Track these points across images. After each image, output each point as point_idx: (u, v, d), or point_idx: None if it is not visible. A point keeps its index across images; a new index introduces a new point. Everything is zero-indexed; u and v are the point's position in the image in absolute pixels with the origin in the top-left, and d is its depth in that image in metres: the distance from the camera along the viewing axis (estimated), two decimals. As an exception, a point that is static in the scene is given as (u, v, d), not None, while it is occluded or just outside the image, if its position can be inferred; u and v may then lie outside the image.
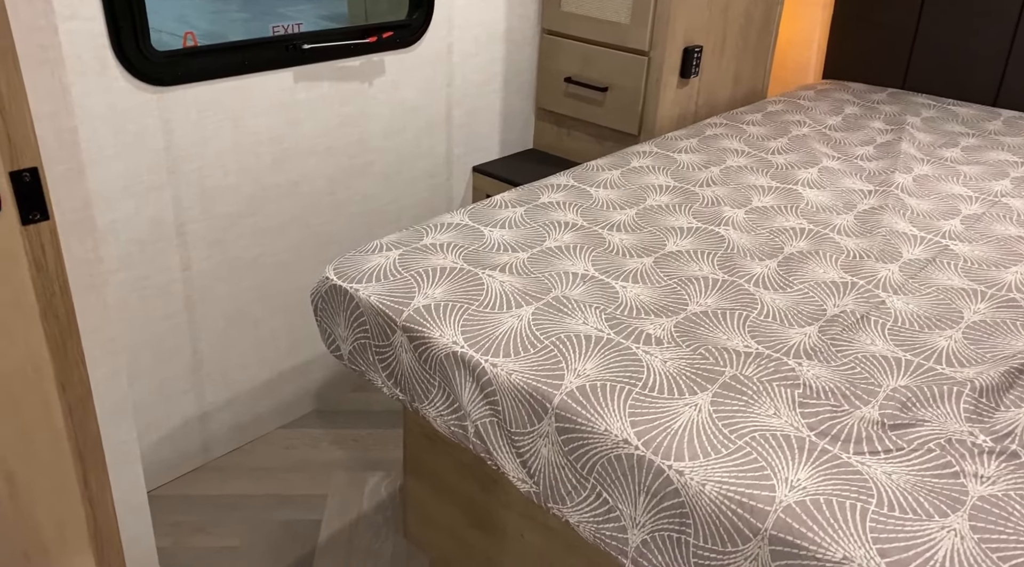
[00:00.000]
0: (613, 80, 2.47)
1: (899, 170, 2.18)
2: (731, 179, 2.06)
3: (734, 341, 1.36)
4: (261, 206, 2.05)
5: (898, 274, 1.62)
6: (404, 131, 2.32)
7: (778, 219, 1.84)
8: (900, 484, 1.05)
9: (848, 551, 0.97)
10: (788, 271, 1.61)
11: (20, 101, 0.85)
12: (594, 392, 1.22)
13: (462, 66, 2.41)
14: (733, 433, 1.14)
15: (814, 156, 2.26)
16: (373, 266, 1.56)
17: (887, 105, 2.79)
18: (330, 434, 2.36)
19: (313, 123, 2.08)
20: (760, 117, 2.59)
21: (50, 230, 0.92)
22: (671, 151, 2.24)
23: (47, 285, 0.94)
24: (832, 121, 2.60)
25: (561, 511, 1.26)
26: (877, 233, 1.79)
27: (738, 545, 1.05)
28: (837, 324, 1.43)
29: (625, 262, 1.61)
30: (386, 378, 1.51)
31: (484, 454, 1.37)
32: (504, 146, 2.68)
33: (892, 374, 1.29)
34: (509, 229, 1.73)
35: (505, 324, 1.38)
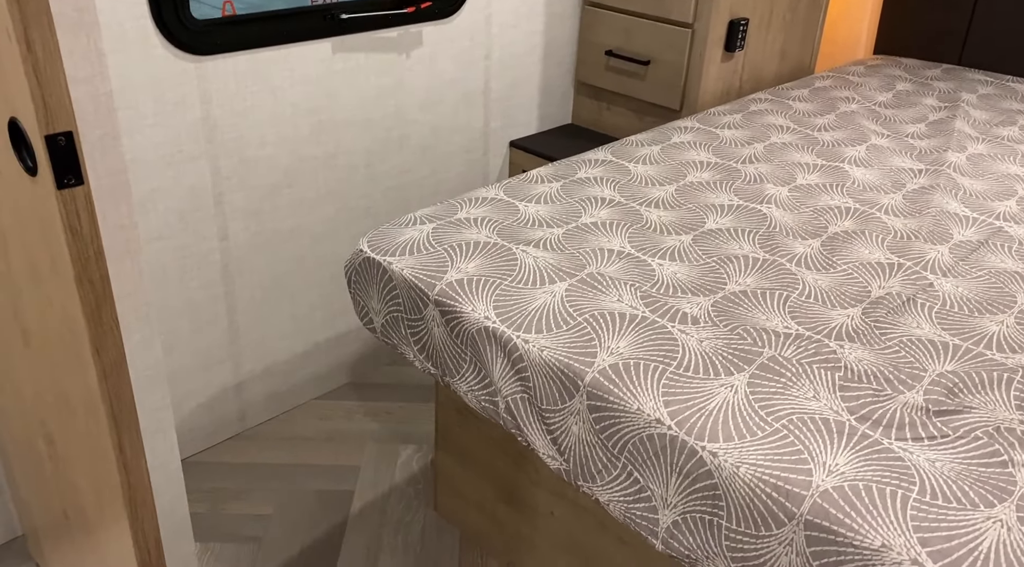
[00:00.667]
0: (655, 53, 2.41)
1: (952, 149, 2.10)
2: (775, 156, 2.01)
3: (773, 322, 1.32)
4: (298, 177, 2.05)
5: (948, 256, 1.56)
6: (441, 104, 2.30)
7: (823, 197, 1.79)
8: (944, 472, 1.02)
9: (887, 539, 0.94)
10: (832, 251, 1.56)
11: (55, 64, 0.85)
12: (627, 370, 1.20)
13: (500, 38, 2.37)
14: (770, 415, 1.11)
15: (862, 133, 2.19)
16: (407, 239, 1.55)
17: (941, 81, 2.69)
18: (364, 406, 2.38)
19: (350, 94, 2.07)
20: (807, 93, 2.51)
21: (85, 195, 0.92)
22: (713, 127, 2.19)
23: (82, 250, 0.94)
24: (882, 98, 2.52)
25: (591, 489, 1.24)
26: (927, 213, 1.73)
27: (772, 529, 1.03)
28: (882, 306, 1.38)
29: (663, 239, 1.58)
30: (418, 352, 1.51)
31: (515, 430, 1.35)
32: (542, 121, 2.64)
33: (938, 359, 1.24)
34: (544, 204, 1.70)
35: (538, 300, 1.36)
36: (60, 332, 1.06)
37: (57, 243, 0.95)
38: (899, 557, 0.92)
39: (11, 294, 1.16)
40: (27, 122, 0.88)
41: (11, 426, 1.47)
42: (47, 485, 1.42)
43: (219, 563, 1.85)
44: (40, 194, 0.93)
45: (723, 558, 1.09)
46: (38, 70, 0.83)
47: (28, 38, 0.82)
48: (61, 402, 1.17)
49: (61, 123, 0.87)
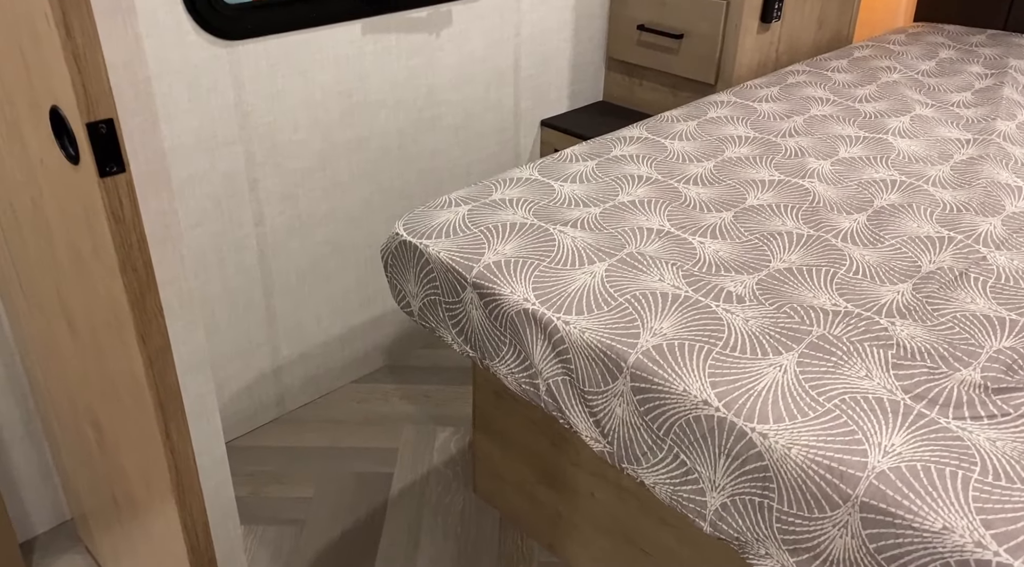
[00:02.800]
0: (689, 26, 2.36)
1: (1001, 117, 2.03)
2: (815, 129, 1.96)
3: (821, 299, 1.29)
4: (331, 161, 2.04)
5: (1000, 228, 1.51)
6: (472, 83, 2.27)
7: (867, 171, 1.74)
8: (1006, 452, 0.98)
9: (948, 521, 0.91)
10: (879, 225, 1.52)
11: (95, 50, 0.84)
12: (671, 351, 1.18)
13: (530, 15, 2.33)
14: (821, 395, 1.08)
15: (906, 104, 2.13)
16: (442, 221, 1.54)
17: (986, 48, 2.60)
18: (400, 389, 2.38)
19: (381, 76, 2.05)
20: (846, 63, 2.45)
21: (127, 182, 0.91)
22: (750, 100, 2.14)
23: (125, 237, 0.94)
24: (925, 66, 2.44)
25: (636, 472, 1.23)
26: (976, 184, 1.68)
27: (826, 511, 1.00)
28: (933, 281, 1.34)
29: (703, 217, 1.54)
30: (456, 335, 1.50)
31: (556, 413, 1.34)
32: (573, 99, 2.61)
33: (995, 335, 1.20)
34: (580, 184, 1.67)
35: (577, 281, 1.34)
36: (106, 319, 1.06)
37: (100, 230, 0.94)
38: (961, 539, 0.90)
39: (56, 280, 1.17)
40: (68, 110, 0.87)
41: (60, 412, 1.48)
42: (96, 470, 1.44)
43: (263, 546, 1.87)
44: (82, 182, 0.93)
45: (773, 541, 1.07)
46: (78, 57, 0.83)
47: (67, 23, 0.81)
48: (108, 388, 1.18)
49: (102, 110, 0.86)
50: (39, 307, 1.30)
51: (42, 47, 0.86)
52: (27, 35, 0.88)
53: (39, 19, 0.83)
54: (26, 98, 0.96)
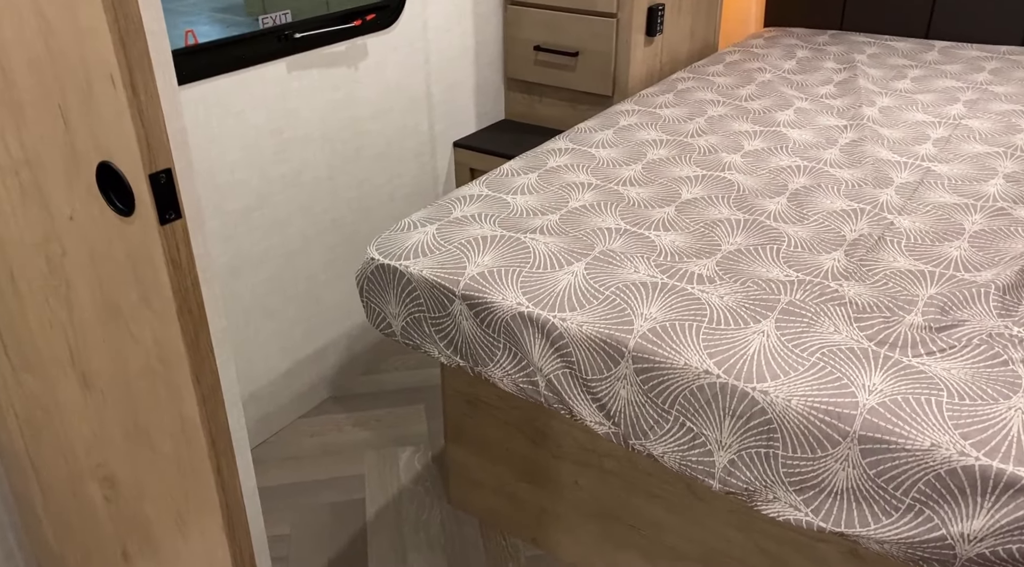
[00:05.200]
0: (583, 44, 2.54)
1: (864, 104, 2.33)
2: (717, 128, 2.17)
3: (774, 272, 1.47)
4: (268, 198, 2.06)
5: (896, 197, 1.76)
6: (390, 112, 2.34)
7: (773, 160, 1.96)
8: (961, 377, 1.18)
9: (934, 439, 1.09)
10: (799, 205, 1.73)
11: (156, 106, 0.87)
12: (665, 332, 1.31)
13: (437, 42, 2.44)
14: (804, 352, 1.25)
15: (785, 99, 2.39)
16: (415, 242, 1.61)
17: (832, 46, 2.95)
18: (351, 417, 2.40)
19: (308, 111, 2.09)
20: (722, 68, 2.71)
21: (183, 228, 0.94)
22: (652, 107, 2.34)
23: (182, 281, 0.96)
24: (788, 65, 2.74)
25: (644, 446, 1.35)
26: (866, 162, 1.93)
27: (827, 449, 1.16)
28: (859, 247, 1.55)
29: (650, 213, 1.70)
30: (444, 348, 1.57)
31: (557, 405, 1.44)
32: (480, 119, 2.73)
33: (923, 284, 1.42)
34: (530, 195, 1.79)
35: (562, 281, 1.46)
36: (145, 368, 1.07)
37: (154, 277, 0.97)
38: (947, 452, 1.08)
39: (71, 340, 1.16)
40: (125, 164, 0.90)
41: (48, 478, 1.44)
42: (100, 530, 1.40)
43: (252, 589, 1.85)
44: (134, 232, 0.95)
45: (781, 484, 1.22)
46: (143, 113, 0.86)
47: (134, 83, 0.84)
48: (135, 439, 1.18)
49: (161, 161, 0.90)
50: (34, 372, 1.27)
51: (96, 106, 0.88)
52: (75, 95, 0.90)
53: (98, 79, 0.86)
54: (60, 157, 0.97)
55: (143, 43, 0.84)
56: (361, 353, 2.54)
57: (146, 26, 0.85)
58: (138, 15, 0.82)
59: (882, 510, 1.14)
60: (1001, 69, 2.63)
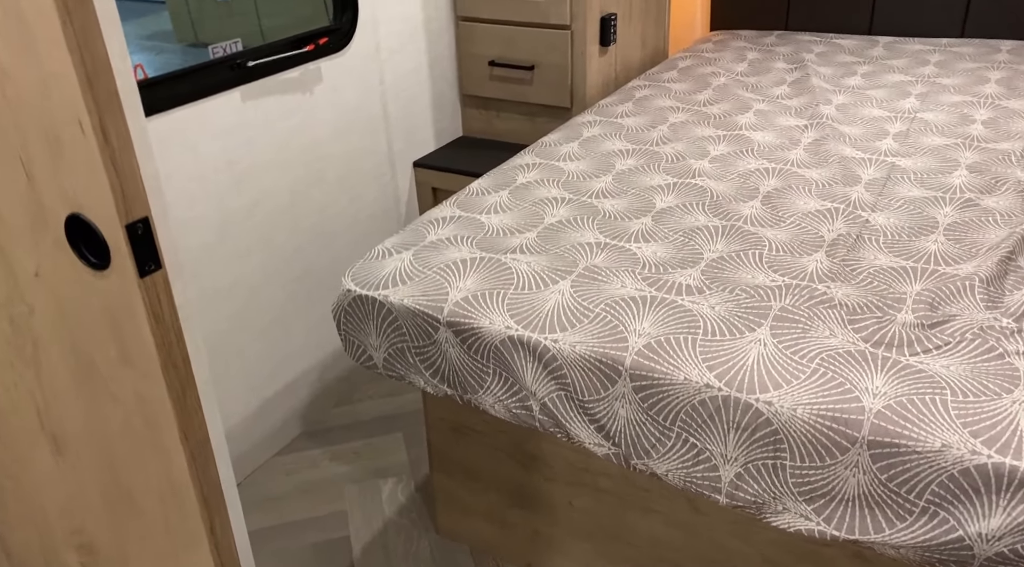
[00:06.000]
0: (539, 57, 2.52)
1: (820, 103, 2.35)
2: (681, 134, 2.17)
3: (760, 278, 1.46)
4: (228, 232, 1.98)
5: (866, 194, 1.77)
6: (348, 134, 2.29)
7: (740, 163, 1.96)
8: (960, 374, 1.18)
9: (945, 439, 1.08)
10: (774, 208, 1.73)
11: (129, 151, 0.82)
12: (661, 347, 1.29)
13: (391, 62, 2.39)
14: (803, 358, 1.23)
15: (742, 102, 2.41)
16: (391, 270, 1.56)
17: (780, 46, 2.98)
18: (327, 452, 2.33)
19: (265, 140, 2.03)
20: (676, 74, 2.72)
21: (163, 279, 0.88)
22: (613, 117, 2.32)
23: (165, 335, 0.90)
24: (740, 68, 2.76)
25: (647, 464, 1.32)
26: (832, 161, 1.95)
27: (836, 457, 1.15)
28: (839, 246, 1.56)
29: (627, 225, 1.68)
30: (430, 377, 1.52)
31: (553, 429, 1.41)
32: (438, 137, 2.69)
33: (908, 281, 1.42)
34: (504, 213, 1.76)
35: (549, 301, 1.42)
36: (127, 427, 1.00)
37: (135, 333, 0.91)
38: (959, 452, 1.07)
39: (40, 404, 1.08)
40: (98, 215, 0.84)
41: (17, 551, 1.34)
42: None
43: (241, 642, 1.77)
44: (111, 286, 0.89)
45: (790, 495, 1.21)
46: (116, 160, 0.80)
47: (104, 128, 0.79)
48: (118, 501, 1.10)
49: (138, 210, 0.84)
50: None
51: (64, 155, 0.82)
52: (38, 144, 0.83)
53: (65, 126, 0.80)
54: (23, 211, 0.90)
55: (112, 84, 0.78)
56: (332, 384, 2.47)
57: (113, 65, 0.79)
58: (105, 55, 0.77)
59: (896, 515, 1.13)
60: (945, 61, 2.69)
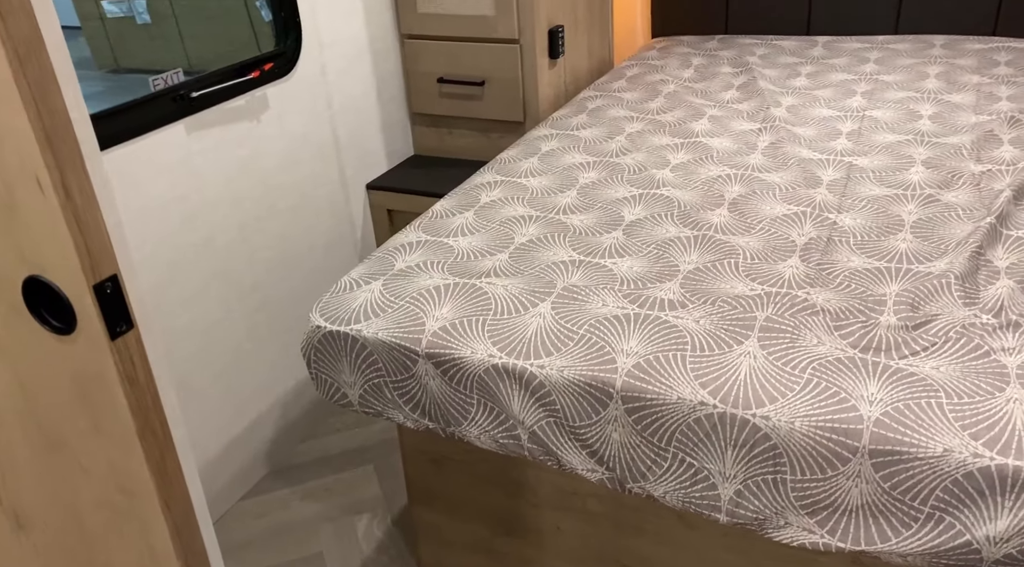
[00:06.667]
0: (489, 72, 2.48)
1: (771, 106, 2.37)
2: (639, 144, 2.16)
3: (739, 288, 1.44)
4: (180, 270, 1.89)
5: (830, 196, 1.78)
6: (300, 162, 2.22)
7: (702, 170, 1.96)
8: (951, 375, 1.18)
9: (946, 443, 1.08)
10: (742, 214, 1.72)
11: (93, 206, 0.75)
12: (651, 366, 1.26)
13: (338, 84, 2.33)
14: (795, 369, 1.22)
15: (695, 108, 2.41)
16: (361, 302, 1.50)
17: (723, 50, 3.01)
18: (296, 491, 2.24)
19: (214, 172, 1.95)
20: (625, 83, 2.71)
21: (136, 340, 0.82)
22: (569, 130, 2.30)
23: (140, 400, 0.83)
24: (687, 74, 2.77)
25: (643, 488, 1.29)
26: (791, 164, 1.95)
27: (838, 468, 1.14)
28: (812, 250, 1.55)
29: (599, 240, 1.65)
30: (410, 412, 1.46)
31: (543, 457, 1.37)
32: (390, 158, 2.63)
33: (884, 282, 1.42)
34: (472, 235, 1.71)
35: (531, 325, 1.38)
36: (101, 500, 0.93)
37: (107, 400, 0.83)
38: (961, 455, 1.06)
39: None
40: (61, 276, 0.77)
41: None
42: None
43: None
44: (78, 351, 0.82)
45: (792, 509, 1.19)
46: (79, 217, 0.74)
47: (66, 185, 0.72)
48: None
49: (106, 268, 0.77)
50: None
51: (19, 214, 0.75)
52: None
53: (21, 184, 0.73)
54: (-27, 274, 0.82)
55: (72, 139, 0.71)
56: (297, 419, 2.38)
57: (71, 117, 0.73)
58: (64, 108, 0.70)
59: (901, 523, 1.12)
60: (884, 58, 2.74)
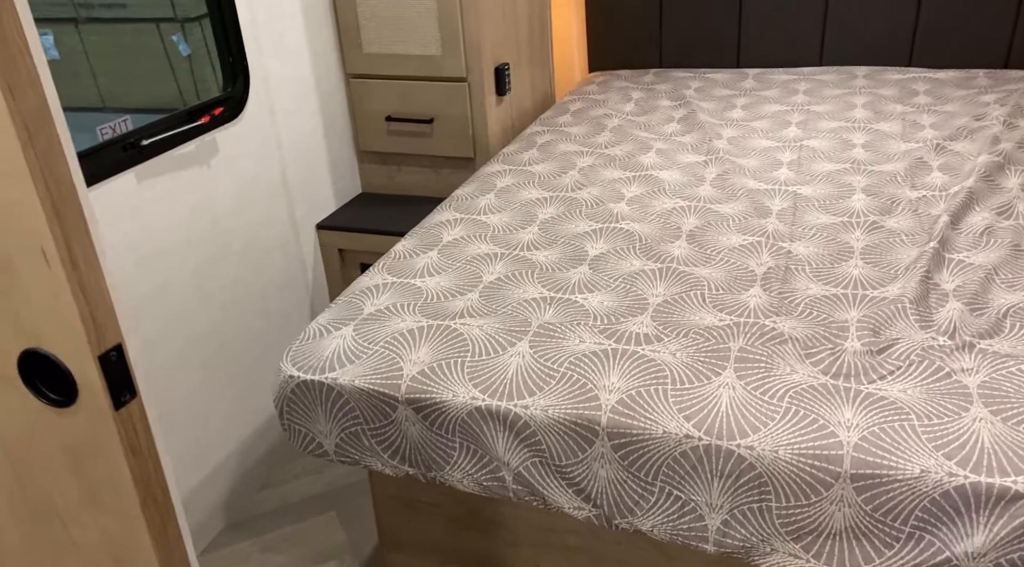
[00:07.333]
0: (438, 110, 2.50)
1: (712, 138, 2.45)
2: (592, 178, 2.20)
3: (708, 319, 1.48)
4: (134, 321, 1.83)
5: (780, 225, 1.85)
6: (250, 204, 2.18)
7: (656, 203, 2.01)
8: (918, 397, 1.24)
9: (923, 464, 1.13)
10: (700, 246, 1.77)
11: (98, 276, 0.73)
12: (634, 401, 1.28)
13: (286, 125, 2.31)
14: (773, 398, 1.26)
15: (641, 142, 2.47)
16: (334, 349, 1.48)
17: (660, 84, 3.10)
18: (256, 543, 2.17)
19: (166, 220, 1.90)
20: (570, 118, 2.77)
21: (139, 408, 0.79)
22: (521, 165, 2.33)
23: (143, 469, 0.80)
24: (628, 108, 2.85)
25: (631, 523, 1.30)
26: (740, 195, 2.02)
27: (821, 493, 1.17)
28: (772, 279, 1.61)
29: (567, 276, 1.67)
30: (389, 458, 1.45)
31: (528, 497, 1.37)
32: (338, 197, 2.62)
33: (845, 308, 1.49)
34: (439, 275, 1.71)
35: (511, 365, 1.39)
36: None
37: (106, 471, 0.81)
38: (937, 475, 1.12)
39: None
40: (63, 347, 0.74)
41: None
42: None
43: None
44: (76, 423, 0.79)
45: (778, 535, 1.22)
46: (85, 287, 0.72)
47: (72, 256, 0.70)
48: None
49: (111, 337, 0.75)
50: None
51: (17, 286, 0.72)
52: (-16, 274, 0.73)
53: (21, 256, 0.70)
54: (-40, 348, 0.79)
55: (77, 208, 0.70)
56: (253, 468, 2.32)
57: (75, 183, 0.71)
58: (69, 178, 0.69)
59: (883, 543, 1.16)
60: (812, 89, 2.88)
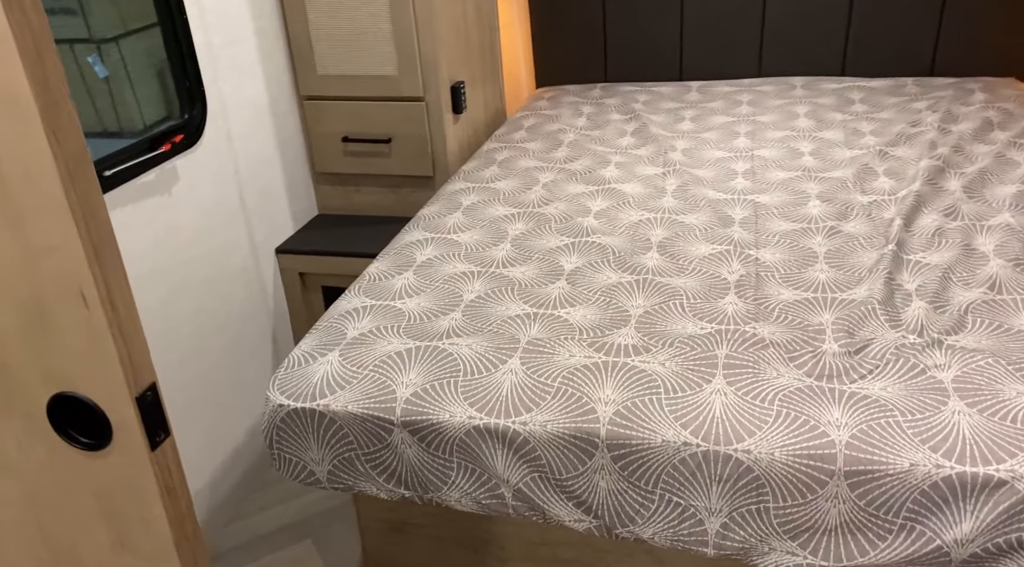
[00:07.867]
0: (395, 130, 2.50)
1: (667, 151, 2.52)
2: (557, 193, 2.23)
3: (689, 328, 1.53)
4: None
5: (745, 233, 1.92)
6: (210, 232, 2.14)
7: (623, 216, 2.05)
8: (899, 394, 1.30)
9: (911, 458, 1.19)
10: (672, 256, 1.82)
11: (134, 316, 0.72)
12: (631, 412, 1.31)
13: (243, 149, 2.28)
14: (764, 402, 1.30)
15: (599, 156, 2.52)
16: (322, 376, 1.47)
17: (608, 98, 3.17)
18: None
19: (129, 252, 1.85)
20: (526, 134, 2.80)
21: (172, 446, 0.78)
22: (484, 182, 2.35)
23: (177, 509, 0.79)
24: (580, 122, 2.90)
25: (632, 532, 1.33)
26: (702, 205, 2.09)
27: (816, 492, 1.22)
28: (745, 286, 1.67)
29: (547, 291, 1.70)
30: (384, 482, 1.44)
31: (528, 512, 1.38)
32: (296, 220, 2.59)
33: (818, 311, 1.55)
34: (418, 296, 1.72)
35: (505, 383, 1.40)
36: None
37: (139, 513, 0.79)
38: (925, 468, 1.17)
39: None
40: (98, 391, 0.73)
41: None
42: None
43: None
44: (108, 467, 0.77)
45: (775, 535, 1.26)
46: (124, 330, 0.71)
47: (112, 299, 0.69)
48: None
49: (146, 377, 0.74)
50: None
51: (51, 330, 0.71)
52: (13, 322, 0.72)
53: (58, 300, 0.69)
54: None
55: (115, 251, 0.69)
56: (221, 502, 2.26)
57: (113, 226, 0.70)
58: (107, 220, 0.68)
59: (877, 536, 1.21)
60: (754, 100, 2.98)
